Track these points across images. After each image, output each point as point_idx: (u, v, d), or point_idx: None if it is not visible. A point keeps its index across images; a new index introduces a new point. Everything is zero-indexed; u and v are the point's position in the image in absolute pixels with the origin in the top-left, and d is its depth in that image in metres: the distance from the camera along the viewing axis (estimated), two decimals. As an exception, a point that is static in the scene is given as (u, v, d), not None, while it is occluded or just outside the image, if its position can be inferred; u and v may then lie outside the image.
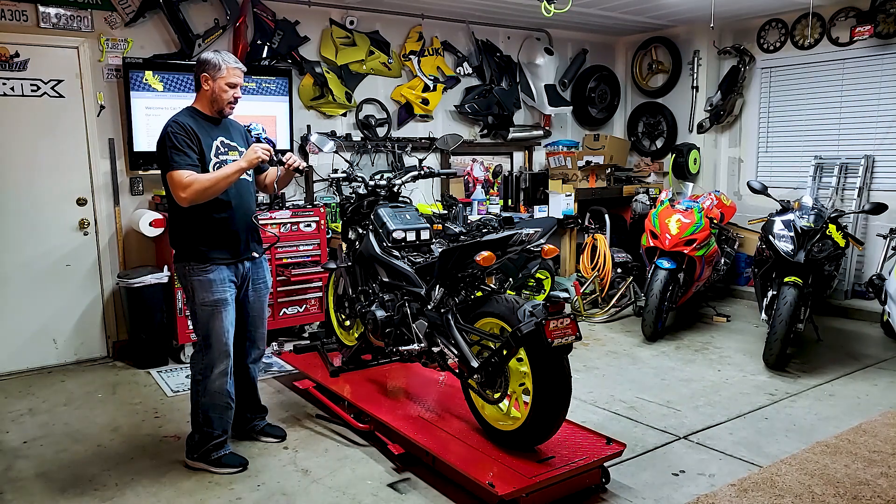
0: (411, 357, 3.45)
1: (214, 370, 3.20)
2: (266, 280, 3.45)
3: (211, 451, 3.25)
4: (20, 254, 4.70)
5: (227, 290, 3.18)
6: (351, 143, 5.92)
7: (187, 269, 3.14)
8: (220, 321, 3.16)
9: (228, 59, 3.13)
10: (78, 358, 4.96)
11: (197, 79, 3.14)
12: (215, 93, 3.12)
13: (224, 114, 3.20)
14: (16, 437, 3.72)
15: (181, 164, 2.98)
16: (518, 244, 3.00)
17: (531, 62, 6.82)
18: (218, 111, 3.17)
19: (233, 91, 3.14)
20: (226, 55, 3.15)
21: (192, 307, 3.18)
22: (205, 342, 3.18)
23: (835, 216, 4.88)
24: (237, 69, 3.15)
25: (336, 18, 5.80)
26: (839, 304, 6.05)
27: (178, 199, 2.98)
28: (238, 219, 3.19)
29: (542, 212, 6.44)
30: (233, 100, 3.16)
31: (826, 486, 3.01)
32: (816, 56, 6.34)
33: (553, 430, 2.94)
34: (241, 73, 3.17)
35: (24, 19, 4.58)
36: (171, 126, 3.04)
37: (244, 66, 3.23)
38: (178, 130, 3.02)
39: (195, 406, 3.25)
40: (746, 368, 4.67)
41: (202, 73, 3.10)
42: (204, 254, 3.12)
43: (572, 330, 2.76)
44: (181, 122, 3.06)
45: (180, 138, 3.01)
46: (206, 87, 3.12)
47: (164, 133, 3.03)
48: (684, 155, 7.01)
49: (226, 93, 3.12)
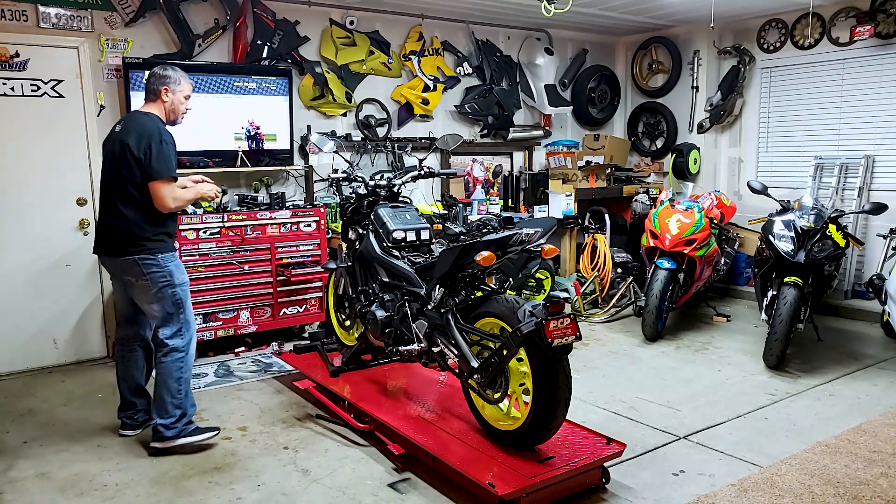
0: (411, 357, 3.45)
1: (193, 344, 3.53)
2: None
3: (188, 423, 3.48)
4: (20, 254, 4.70)
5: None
6: (351, 143, 5.92)
7: (160, 258, 3.38)
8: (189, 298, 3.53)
9: (185, 76, 3.51)
10: (78, 358, 4.96)
11: (155, 90, 3.42)
12: (174, 104, 3.46)
13: (177, 122, 3.54)
14: (16, 437, 3.72)
15: (176, 175, 3.32)
16: (518, 244, 3.00)
17: (531, 62, 6.82)
18: (173, 120, 3.51)
19: (188, 103, 3.54)
20: (181, 72, 3.50)
21: (171, 290, 3.41)
22: (186, 319, 3.48)
23: (835, 216, 4.88)
24: (191, 84, 3.56)
25: (336, 18, 5.80)
26: (839, 304, 6.05)
27: (165, 206, 3.28)
28: (176, 215, 3.59)
29: (542, 212, 6.44)
30: (186, 110, 3.55)
31: (826, 486, 3.01)
32: (816, 56, 6.34)
33: (553, 431, 2.94)
34: (192, 87, 3.57)
35: (24, 19, 4.58)
36: (166, 133, 3.34)
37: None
38: (171, 141, 3.35)
39: (178, 383, 3.43)
40: (746, 368, 4.67)
41: (163, 85, 3.41)
42: (168, 243, 3.44)
43: (572, 330, 2.76)
44: (169, 132, 3.37)
45: (173, 149, 3.34)
46: (165, 99, 3.44)
47: (162, 139, 3.29)
48: (684, 155, 7.01)
49: (183, 104, 3.50)
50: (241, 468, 3.29)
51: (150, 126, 3.31)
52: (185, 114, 3.56)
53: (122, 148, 3.27)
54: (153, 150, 3.23)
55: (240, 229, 4.93)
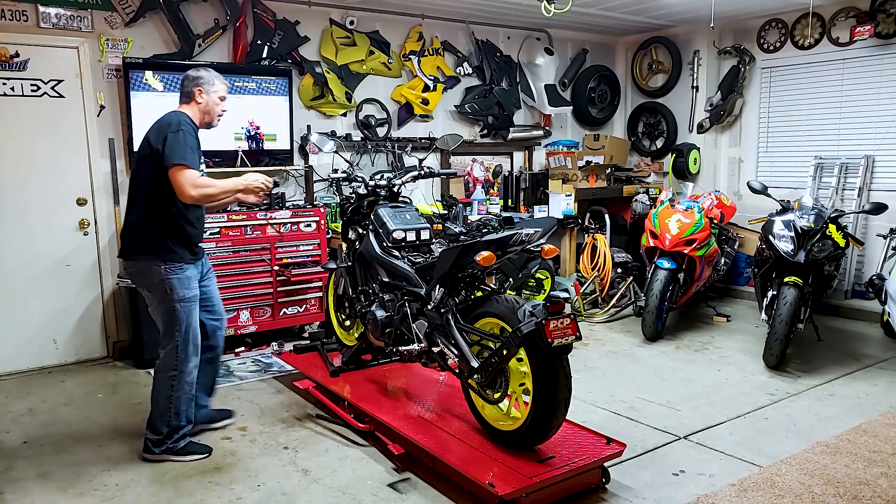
0: (411, 357, 3.45)
1: (190, 364, 3.34)
2: (212, 267, 3.68)
3: (177, 441, 3.36)
4: (20, 254, 4.70)
5: (197, 287, 3.37)
6: (351, 143, 5.92)
7: (162, 268, 3.23)
8: (195, 316, 3.34)
9: (218, 76, 3.37)
10: (78, 358, 4.96)
11: (188, 92, 3.31)
12: (209, 105, 3.33)
13: (212, 125, 3.40)
14: (16, 437, 3.72)
15: (194, 163, 3.11)
16: (518, 244, 3.00)
17: (531, 62, 6.82)
18: (207, 123, 3.37)
19: (223, 104, 3.39)
20: (214, 73, 3.37)
21: (169, 305, 3.26)
22: (183, 338, 3.30)
23: (835, 216, 4.88)
24: (225, 85, 3.40)
25: (336, 18, 5.80)
26: (839, 304, 6.05)
27: (185, 194, 3.08)
28: (203, 221, 3.46)
29: (542, 212, 6.44)
30: (222, 112, 3.40)
31: (826, 486, 3.01)
32: (816, 56, 6.34)
33: (553, 431, 2.94)
34: (227, 88, 3.42)
35: (24, 19, 4.58)
36: (187, 125, 3.18)
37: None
38: (192, 133, 3.19)
39: (167, 401, 3.33)
40: (746, 368, 4.67)
41: (196, 86, 3.30)
42: (179, 252, 3.26)
43: (572, 330, 2.77)
44: (192, 125, 3.23)
45: (193, 140, 3.17)
46: (199, 100, 3.31)
47: (180, 129, 3.13)
48: (684, 155, 7.01)
49: (218, 105, 3.36)
50: (241, 468, 3.29)
51: (171, 118, 3.19)
52: (220, 116, 3.40)
53: (144, 143, 3.20)
54: (168, 138, 3.09)
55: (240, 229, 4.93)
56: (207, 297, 3.52)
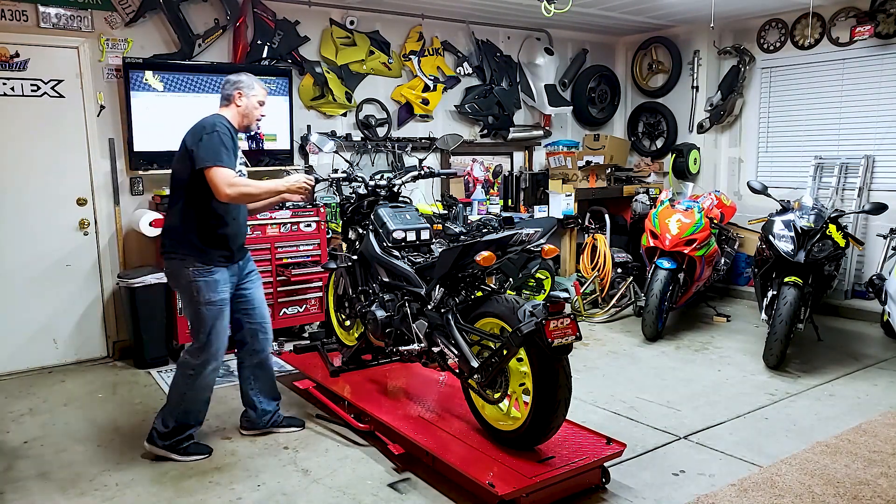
0: (411, 357, 3.45)
1: (209, 367, 3.34)
2: (257, 270, 3.64)
3: (182, 440, 3.36)
4: (20, 254, 4.70)
5: (228, 291, 3.35)
6: (351, 143, 5.92)
7: (190, 270, 3.22)
8: (223, 320, 3.32)
9: (259, 81, 3.40)
10: (78, 358, 4.96)
11: (228, 95, 3.33)
12: (248, 108, 3.34)
13: (251, 129, 3.43)
14: (16, 437, 3.72)
15: (229, 163, 3.13)
16: (518, 244, 3.00)
17: (531, 62, 6.82)
18: (246, 126, 3.39)
19: (262, 108, 3.40)
20: (255, 77, 3.39)
21: (195, 307, 3.26)
22: (206, 340, 3.28)
23: (835, 216, 4.88)
24: (265, 90, 3.43)
25: (336, 18, 5.80)
26: (839, 304, 6.05)
27: (221, 193, 3.08)
28: (242, 224, 3.42)
29: (542, 212, 6.45)
30: (260, 116, 3.40)
31: (826, 486, 3.01)
32: (816, 56, 6.34)
33: (553, 431, 2.94)
34: (266, 93, 3.43)
35: (24, 19, 4.58)
36: (221, 126, 3.19)
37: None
38: (228, 133, 3.20)
39: (181, 398, 3.34)
40: (746, 368, 4.67)
41: (236, 90, 3.32)
42: (210, 255, 3.26)
43: (572, 330, 2.76)
44: (229, 126, 3.24)
45: (229, 141, 3.18)
46: (238, 103, 3.33)
47: (214, 130, 3.15)
48: (684, 155, 7.01)
49: (257, 109, 3.37)
50: (241, 468, 3.30)
51: (208, 120, 3.21)
52: (259, 120, 3.41)
53: (182, 145, 3.22)
54: (203, 140, 3.12)
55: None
56: (247, 300, 3.50)
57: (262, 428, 3.63)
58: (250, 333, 3.54)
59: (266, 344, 3.63)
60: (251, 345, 3.55)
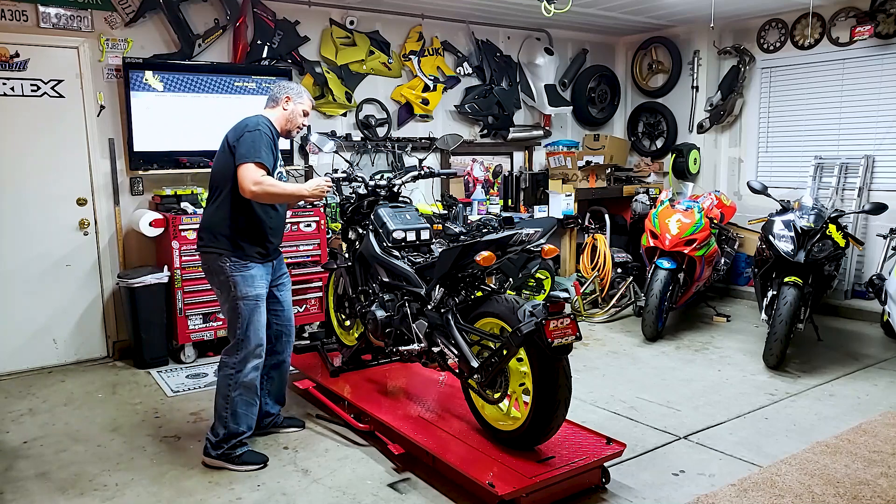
0: (411, 357, 3.45)
1: (249, 364, 3.29)
2: (288, 273, 3.66)
3: (235, 447, 3.28)
4: (20, 254, 4.70)
5: (265, 287, 3.35)
6: (351, 143, 5.92)
7: (227, 264, 3.23)
8: (260, 315, 3.30)
9: (307, 93, 3.48)
10: (78, 358, 4.96)
11: (276, 97, 3.38)
12: (293, 114, 3.39)
13: (290, 135, 3.47)
14: (16, 437, 3.72)
15: (267, 161, 3.15)
16: (518, 244, 3.00)
17: (531, 62, 6.82)
18: (287, 131, 3.42)
19: (305, 119, 3.45)
20: (304, 88, 3.48)
21: (233, 301, 3.25)
22: (244, 336, 3.26)
23: (835, 216, 4.88)
24: (312, 103, 3.52)
25: (336, 18, 5.80)
26: (839, 304, 6.05)
27: (245, 189, 3.08)
28: (280, 223, 3.45)
29: (542, 212, 6.44)
30: (302, 125, 3.46)
31: (826, 486, 3.01)
32: (816, 56, 6.34)
33: (553, 431, 2.94)
34: (312, 106, 3.51)
35: (24, 19, 4.58)
36: (264, 127, 3.22)
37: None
38: (270, 134, 3.23)
39: (225, 401, 3.28)
40: (746, 368, 4.67)
41: (286, 94, 3.37)
42: (246, 250, 3.26)
43: (572, 330, 2.76)
44: (272, 128, 3.27)
45: (269, 141, 3.20)
46: (285, 108, 3.37)
47: (257, 128, 3.18)
48: (684, 155, 7.01)
49: (301, 117, 3.42)
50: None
51: (252, 119, 3.24)
52: (300, 129, 3.46)
53: (223, 142, 3.24)
54: (245, 136, 3.14)
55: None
56: (278, 301, 3.52)
57: (262, 429, 3.62)
58: (275, 335, 3.53)
59: (288, 347, 3.63)
60: (273, 346, 3.54)
